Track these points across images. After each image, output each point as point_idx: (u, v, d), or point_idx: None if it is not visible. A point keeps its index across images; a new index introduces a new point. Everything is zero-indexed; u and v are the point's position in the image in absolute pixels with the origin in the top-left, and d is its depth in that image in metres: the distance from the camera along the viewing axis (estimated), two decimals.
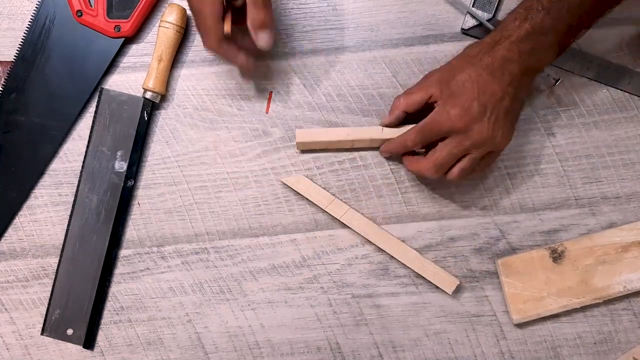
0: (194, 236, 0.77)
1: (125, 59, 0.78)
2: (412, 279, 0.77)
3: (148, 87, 0.76)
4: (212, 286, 0.77)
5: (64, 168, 0.78)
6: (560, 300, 0.74)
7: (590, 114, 0.77)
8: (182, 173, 0.78)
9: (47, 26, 0.77)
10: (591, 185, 0.77)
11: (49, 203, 0.78)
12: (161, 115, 0.78)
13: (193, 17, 0.68)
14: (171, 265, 0.77)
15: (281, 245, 0.77)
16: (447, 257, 0.77)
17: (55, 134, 0.77)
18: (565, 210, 0.77)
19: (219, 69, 0.78)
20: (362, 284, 0.77)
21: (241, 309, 0.77)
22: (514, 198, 0.77)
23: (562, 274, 0.74)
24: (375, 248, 0.77)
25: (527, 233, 0.76)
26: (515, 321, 0.74)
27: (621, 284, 0.74)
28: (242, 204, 0.77)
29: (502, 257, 0.75)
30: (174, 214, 0.78)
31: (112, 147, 0.76)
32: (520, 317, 0.74)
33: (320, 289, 0.77)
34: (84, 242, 0.76)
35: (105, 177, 0.76)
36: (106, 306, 0.78)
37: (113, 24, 0.76)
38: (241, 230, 0.77)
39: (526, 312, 0.74)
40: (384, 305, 0.77)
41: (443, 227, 0.77)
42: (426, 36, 0.77)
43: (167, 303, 0.77)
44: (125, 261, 0.78)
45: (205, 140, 0.78)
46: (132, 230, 0.78)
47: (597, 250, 0.74)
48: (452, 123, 0.66)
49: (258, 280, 0.77)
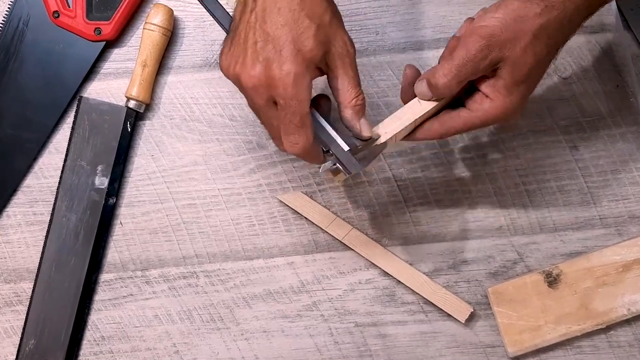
0: (182, 259, 0.76)
1: (106, 65, 0.77)
2: (421, 306, 0.75)
3: (131, 95, 0.75)
4: (201, 314, 0.76)
5: (39, 184, 0.77)
6: (558, 329, 0.72)
7: (616, 124, 0.75)
8: (169, 190, 0.76)
9: (20, 28, 0.76)
10: (617, 203, 0.75)
11: (22, 223, 0.77)
12: (146, 126, 0.77)
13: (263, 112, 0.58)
14: (157, 291, 0.76)
15: (277, 269, 0.76)
16: (459, 282, 0.75)
17: (29, 146, 0.77)
18: (589, 231, 0.75)
19: (209, 75, 0.77)
20: (366, 312, 0.75)
21: (233, 339, 0.75)
22: (532, 217, 0.75)
23: (559, 300, 0.72)
24: (380, 272, 0.75)
25: (547, 255, 0.75)
26: (511, 354, 0.73)
27: (624, 306, 0.72)
28: (235, 224, 0.76)
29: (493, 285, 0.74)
30: (159, 235, 0.76)
31: (92, 162, 0.76)
32: (516, 350, 0.72)
33: (320, 316, 0.75)
34: (61, 266, 0.75)
35: (84, 194, 0.75)
36: (85, 336, 0.76)
37: (93, 26, 0.75)
38: (233, 253, 0.76)
39: (522, 343, 0.72)
40: (390, 334, 0.75)
41: (455, 249, 0.75)
42: (437, 39, 0.76)
43: (152, 332, 0.76)
44: (107, 286, 0.76)
45: (194, 154, 0.76)
46: (114, 252, 0.77)
47: (596, 271, 0.73)
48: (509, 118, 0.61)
49: (252, 308, 0.75)
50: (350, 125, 0.60)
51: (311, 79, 0.56)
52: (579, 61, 0.74)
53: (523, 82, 0.59)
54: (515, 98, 0.59)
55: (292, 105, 0.56)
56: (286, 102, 0.56)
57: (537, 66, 0.59)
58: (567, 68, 0.75)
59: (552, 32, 0.57)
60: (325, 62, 0.58)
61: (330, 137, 0.59)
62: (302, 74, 0.55)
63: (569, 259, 0.73)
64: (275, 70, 0.55)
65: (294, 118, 0.56)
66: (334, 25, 0.57)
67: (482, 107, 0.60)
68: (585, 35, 0.74)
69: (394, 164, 0.75)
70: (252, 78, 0.56)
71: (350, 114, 0.59)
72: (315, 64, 0.56)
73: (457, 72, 0.58)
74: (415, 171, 0.75)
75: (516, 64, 0.58)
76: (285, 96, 0.55)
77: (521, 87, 0.59)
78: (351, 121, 0.59)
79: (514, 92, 0.59)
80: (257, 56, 0.56)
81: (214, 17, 0.61)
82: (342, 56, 0.58)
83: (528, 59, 0.58)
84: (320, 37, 0.56)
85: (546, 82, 0.74)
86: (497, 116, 0.60)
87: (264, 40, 0.55)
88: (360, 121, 0.59)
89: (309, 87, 0.56)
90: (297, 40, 0.55)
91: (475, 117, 0.61)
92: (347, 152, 0.59)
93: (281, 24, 0.55)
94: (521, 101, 0.60)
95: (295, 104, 0.56)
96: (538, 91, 0.68)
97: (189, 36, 0.77)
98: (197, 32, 0.77)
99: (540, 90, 0.74)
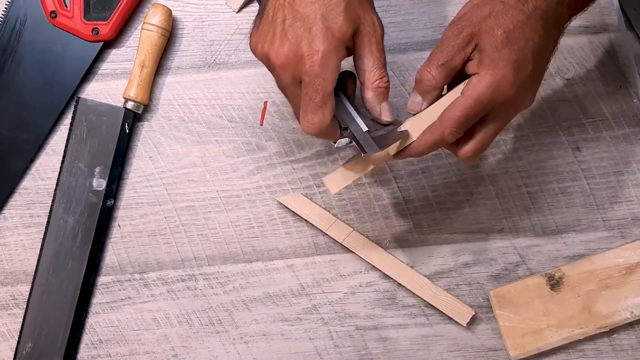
0: (181, 262, 0.76)
1: (104, 65, 0.77)
2: (422, 309, 0.75)
3: (129, 96, 0.74)
4: (200, 317, 0.75)
5: (36, 186, 0.77)
6: (561, 332, 0.72)
7: (619, 126, 0.75)
8: (167, 192, 0.76)
9: (17, 29, 0.76)
10: (620, 205, 0.74)
11: (19, 225, 0.77)
12: (144, 128, 0.77)
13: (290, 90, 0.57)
14: (155, 293, 0.76)
15: (277, 272, 0.75)
16: (461, 285, 0.75)
17: (26, 148, 0.76)
18: (591, 233, 0.74)
19: (208, 76, 0.77)
20: (367, 315, 0.75)
21: (233, 343, 0.75)
22: (535, 219, 0.75)
23: (562, 303, 0.72)
24: (381, 275, 0.75)
25: (549, 258, 0.74)
26: (513, 358, 0.73)
27: (628, 309, 0.72)
28: (234, 226, 0.76)
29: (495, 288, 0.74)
30: (158, 237, 0.76)
31: (90, 163, 0.75)
32: (518, 353, 0.72)
33: (320, 320, 0.75)
34: (59, 268, 0.75)
35: (82, 196, 0.75)
36: (83, 339, 0.76)
37: (91, 27, 0.75)
38: (232, 255, 0.76)
39: (525, 346, 0.72)
40: (391, 338, 0.75)
41: (456, 252, 0.75)
42: (438, 40, 0.72)
43: (150, 336, 0.76)
44: (104, 289, 0.76)
45: (193, 156, 0.76)
46: (112, 255, 0.76)
47: (599, 273, 0.73)
48: (506, 94, 0.56)
49: (251, 311, 0.75)
50: (371, 107, 0.58)
51: (339, 59, 0.55)
52: (581, 62, 0.74)
53: (505, 46, 0.55)
54: (503, 65, 0.55)
55: (317, 83, 0.55)
56: (311, 79, 0.55)
57: (516, 28, 0.55)
58: (569, 69, 0.74)
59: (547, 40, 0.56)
60: (353, 41, 0.57)
61: (350, 116, 0.59)
62: (331, 52, 0.54)
63: (572, 262, 0.73)
64: (304, 47, 0.54)
65: (315, 96, 0.55)
66: (363, 3, 0.56)
67: (471, 86, 0.57)
68: (588, 35, 0.74)
69: (394, 166, 0.75)
70: (281, 56, 0.55)
71: (371, 96, 0.58)
72: (344, 43, 0.55)
73: (435, 59, 0.57)
74: (417, 173, 0.75)
75: (490, 31, 0.55)
76: (311, 74, 0.54)
77: (504, 51, 0.55)
78: (372, 103, 0.58)
79: (499, 61, 0.55)
80: (286, 34, 0.55)
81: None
82: (370, 35, 0.57)
83: (502, 22, 0.55)
84: (349, 14, 0.55)
85: (548, 83, 0.74)
86: (489, 88, 0.56)
87: (292, 17, 0.55)
88: (381, 104, 0.58)
89: (337, 67, 0.55)
90: (326, 17, 0.54)
91: (467, 97, 0.57)
92: (365, 132, 0.58)
93: (310, 1, 0.54)
94: (513, 69, 0.55)
95: (319, 83, 0.55)
96: (540, 92, 0.67)
97: (188, 36, 0.76)
98: (196, 33, 0.77)
99: (543, 91, 0.74)
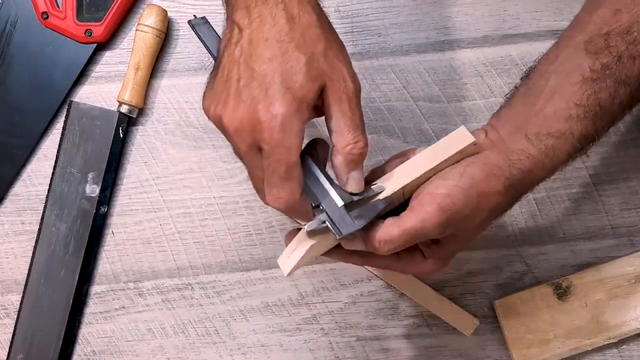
0: (176, 270, 0.76)
1: (97, 68, 0.77)
2: (425, 319, 0.75)
3: (124, 99, 0.74)
4: (196, 327, 0.75)
5: (27, 192, 0.77)
6: (568, 343, 0.72)
7: (628, 130, 0.74)
8: (163, 198, 0.76)
9: (7, 30, 0.76)
10: (630, 212, 0.74)
11: (10, 232, 0.77)
12: (139, 132, 0.77)
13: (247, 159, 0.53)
14: (150, 303, 0.76)
15: (276, 281, 0.75)
16: (465, 295, 0.75)
17: (17, 153, 0.76)
18: (600, 241, 0.74)
19: (205, 79, 0.74)
20: (368, 325, 0.75)
21: (230, 354, 0.75)
22: (541, 227, 0.75)
23: (569, 313, 0.73)
24: (383, 284, 0.75)
25: (556, 266, 0.74)
26: None
27: (637, 319, 0.72)
28: (231, 234, 0.76)
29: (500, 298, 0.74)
30: (153, 245, 0.76)
31: (83, 169, 0.75)
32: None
33: (320, 330, 0.75)
34: (51, 277, 0.75)
35: (74, 203, 0.75)
36: (76, 350, 0.76)
37: (84, 28, 0.74)
38: (230, 264, 0.76)
39: (531, 358, 0.72)
40: (393, 349, 0.75)
41: (460, 260, 0.74)
42: (441, 42, 0.75)
43: (145, 347, 0.76)
44: (98, 299, 0.76)
45: (189, 161, 0.76)
46: (106, 263, 0.76)
47: (608, 282, 0.73)
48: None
49: (249, 321, 0.75)
50: (337, 174, 0.53)
51: (303, 122, 0.50)
52: None
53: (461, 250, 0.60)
54: (447, 262, 0.59)
55: (278, 153, 0.50)
56: (271, 149, 0.49)
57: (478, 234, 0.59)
58: None
59: (506, 206, 0.57)
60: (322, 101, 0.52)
61: (324, 189, 0.52)
62: (292, 116, 0.49)
63: (580, 271, 0.73)
64: (260, 111, 0.49)
65: (278, 168, 0.50)
66: (329, 56, 0.51)
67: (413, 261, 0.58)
68: None
69: None
70: (234, 120, 0.50)
71: (340, 162, 0.52)
72: (308, 104, 0.50)
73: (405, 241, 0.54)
74: None
75: (464, 239, 0.57)
76: (271, 142, 0.49)
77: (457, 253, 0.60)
78: (339, 170, 0.52)
79: (449, 258, 0.59)
80: (240, 95, 0.50)
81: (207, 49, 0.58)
82: (339, 92, 0.51)
83: (476, 233, 0.58)
84: (312, 71, 0.50)
85: None
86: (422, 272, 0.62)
87: (248, 76, 0.50)
88: (350, 174, 0.52)
89: (300, 132, 0.50)
90: (285, 75, 0.49)
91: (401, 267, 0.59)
92: (341, 208, 0.52)
93: (268, 57, 0.49)
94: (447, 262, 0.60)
95: (281, 152, 0.49)
96: None
97: (184, 38, 0.76)
98: (193, 34, 0.72)
99: None
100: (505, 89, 0.73)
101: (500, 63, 0.74)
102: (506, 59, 0.74)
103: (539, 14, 0.74)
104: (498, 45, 0.75)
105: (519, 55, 0.74)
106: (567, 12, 0.74)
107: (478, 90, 0.74)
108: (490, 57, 0.74)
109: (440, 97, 0.75)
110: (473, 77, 0.75)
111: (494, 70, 0.74)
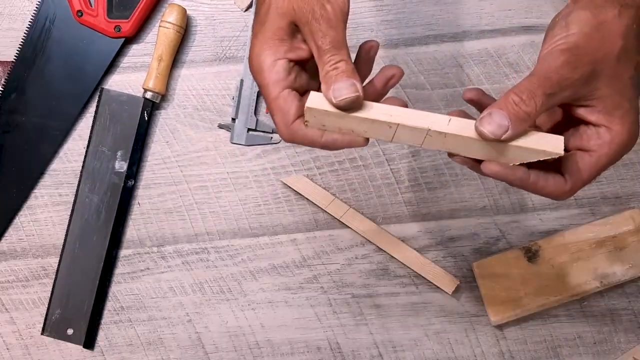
0: (194, 236, 0.78)
1: (125, 59, 0.78)
2: (412, 279, 0.77)
3: (148, 87, 0.76)
4: (212, 286, 0.77)
5: (64, 168, 0.78)
6: (537, 299, 0.73)
7: None
8: (182, 173, 0.78)
9: (47, 26, 0.77)
10: (590, 186, 0.71)
11: (49, 203, 0.78)
12: (161, 115, 0.78)
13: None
14: (171, 265, 0.78)
15: (281, 245, 0.77)
16: (447, 257, 0.77)
17: (55, 134, 0.78)
18: (565, 210, 0.76)
19: (219, 69, 0.78)
20: (362, 284, 0.77)
21: (241, 309, 0.77)
22: (513, 198, 0.77)
23: (538, 273, 0.74)
24: (375, 248, 0.77)
25: (527, 233, 0.76)
26: (493, 322, 0.74)
27: (597, 279, 0.73)
28: (242, 204, 0.78)
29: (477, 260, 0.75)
30: (174, 214, 0.78)
31: (113, 147, 0.77)
32: (498, 319, 0.74)
33: (320, 288, 0.77)
34: (84, 242, 0.76)
35: (105, 177, 0.77)
36: (106, 306, 0.78)
37: (113, 24, 0.76)
38: (241, 230, 0.77)
39: (504, 313, 0.73)
40: (383, 305, 0.77)
41: (443, 227, 0.77)
42: (426, 36, 0.77)
43: (167, 303, 0.77)
44: (126, 261, 0.78)
45: (205, 141, 0.78)
46: (132, 230, 0.78)
47: (571, 247, 0.74)
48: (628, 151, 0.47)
49: (258, 280, 0.77)
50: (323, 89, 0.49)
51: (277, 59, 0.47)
52: None
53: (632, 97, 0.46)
54: (634, 117, 0.46)
55: (264, 93, 0.48)
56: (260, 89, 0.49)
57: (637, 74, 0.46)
58: None
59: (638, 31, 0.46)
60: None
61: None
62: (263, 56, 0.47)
63: (547, 236, 0.75)
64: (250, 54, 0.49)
65: (267, 104, 0.49)
66: None
67: (603, 141, 0.46)
68: None
69: (387, 150, 0.76)
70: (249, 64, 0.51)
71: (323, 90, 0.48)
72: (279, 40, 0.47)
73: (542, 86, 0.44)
74: (407, 156, 0.76)
75: (616, 76, 0.45)
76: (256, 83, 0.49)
77: (633, 102, 0.46)
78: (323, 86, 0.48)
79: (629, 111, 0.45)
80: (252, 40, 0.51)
81: None
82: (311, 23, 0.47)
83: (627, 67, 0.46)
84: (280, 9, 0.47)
85: None
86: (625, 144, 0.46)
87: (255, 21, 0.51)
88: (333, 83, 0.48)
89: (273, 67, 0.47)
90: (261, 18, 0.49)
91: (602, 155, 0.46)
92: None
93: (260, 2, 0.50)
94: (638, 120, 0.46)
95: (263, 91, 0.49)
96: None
97: (201, 33, 0.78)
98: (208, 30, 0.78)
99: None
100: (482, 77, 0.75)
101: (478, 55, 0.76)
102: (483, 52, 0.76)
103: (511, 12, 0.76)
104: (476, 39, 0.76)
105: (494, 48, 0.76)
106: (536, 11, 0.76)
107: (458, 78, 0.76)
108: (468, 50, 0.76)
109: (425, 85, 0.76)
110: (454, 67, 0.76)
111: (472, 61, 0.76)
